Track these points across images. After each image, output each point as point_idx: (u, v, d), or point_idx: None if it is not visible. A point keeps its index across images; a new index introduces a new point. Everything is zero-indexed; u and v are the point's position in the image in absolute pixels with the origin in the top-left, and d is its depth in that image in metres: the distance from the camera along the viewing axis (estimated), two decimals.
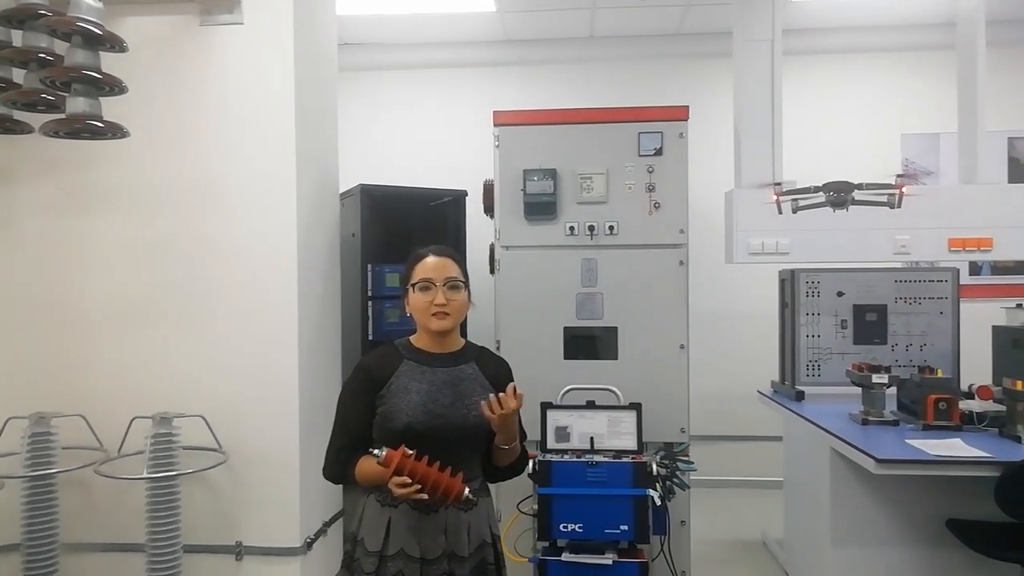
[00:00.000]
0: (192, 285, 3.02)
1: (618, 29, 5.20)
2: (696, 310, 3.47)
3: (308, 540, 3.05)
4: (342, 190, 3.80)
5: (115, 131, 2.61)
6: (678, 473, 2.87)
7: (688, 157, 3.32)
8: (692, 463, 2.99)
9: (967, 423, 2.95)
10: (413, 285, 1.95)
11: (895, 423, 3.07)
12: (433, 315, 1.93)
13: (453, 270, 1.96)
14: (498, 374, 2.04)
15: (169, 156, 3.03)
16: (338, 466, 1.95)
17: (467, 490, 1.82)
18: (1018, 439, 2.76)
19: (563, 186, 3.35)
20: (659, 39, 5.30)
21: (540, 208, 3.34)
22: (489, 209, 3.47)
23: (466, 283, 2.00)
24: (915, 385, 3.10)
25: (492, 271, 3.43)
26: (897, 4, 4.78)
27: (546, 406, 2.95)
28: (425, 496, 1.76)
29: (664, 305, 3.30)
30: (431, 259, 1.97)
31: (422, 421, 1.87)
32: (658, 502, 2.70)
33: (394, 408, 1.89)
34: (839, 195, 3.19)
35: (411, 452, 1.78)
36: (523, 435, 2.12)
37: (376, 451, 1.77)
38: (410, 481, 1.75)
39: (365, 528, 1.93)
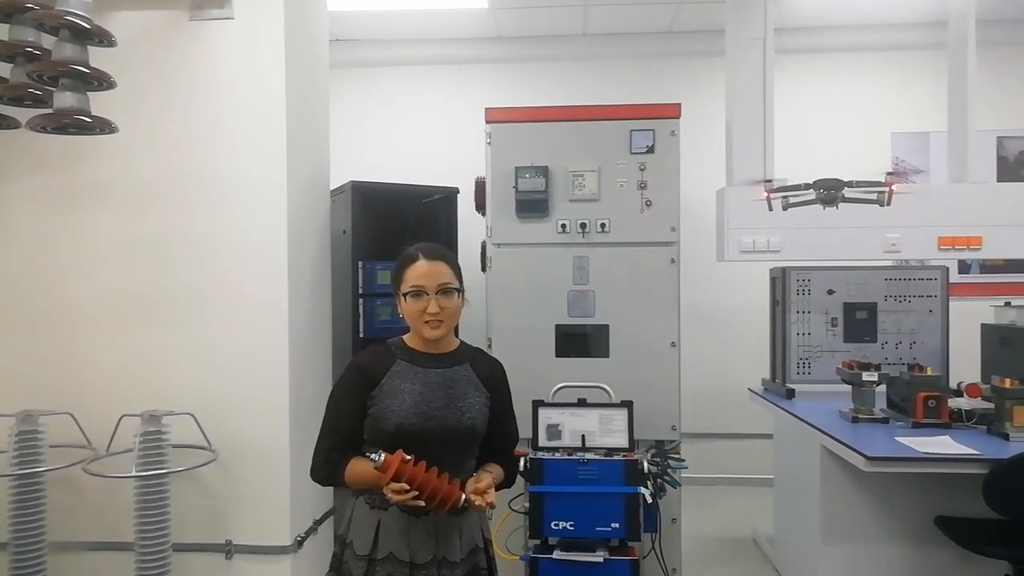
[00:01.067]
0: (181, 282, 3.00)
1: (610, 27, 5.19)
2: (687, 308, 3.47)
3: (298, 538, 3.04)
4: (333, 187, 3.78)
5: (103, 126, 2.59)
6: (669, 471, 2.87)
7: (680, 155, 3.33)
8: (683, 461, 2.99)
9: (956, 420, 2.97)
10: (405, 294, 1.90)
11: (885, 421, 3.09)
12: (426, 323, 1.88)
13: (446, 275, 1.90)
14: (492, 375, 2.01)
15: (158, 152, 3.00)
16: (327, 468, 1.90)
17: (463, 498, 1.79)
18: (1006, 436, 2.78)
19: (555, 183, 3.34)
20: (651, 37, 5.30)
21: (532, 205, 3.33)
22: (481, 206, 3.46)
23: (460, 286, 1.94)
24: (905, 383, 3.11)
25: (484, 269, 3.43)
26: (888, 3, 4.80)
27: (537, 404, 2.95)
28: (422, 503, 1.73)
29: (655, 303, 3.31)
30: (423, 264, 1.90)
31: (414, 423, 1.83)
32: (649, 500, 2.70)
33: (386, 409, 1.85)
34: (829, 192, 3.20)
35: (409, 457, 1.74)
36: (515, 437, 2.11)
37: (373, 455, 1.73)
38: (408, 487, 1.71)
39: (354, 531, 1.88)
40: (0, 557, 2.83)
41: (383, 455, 1.72)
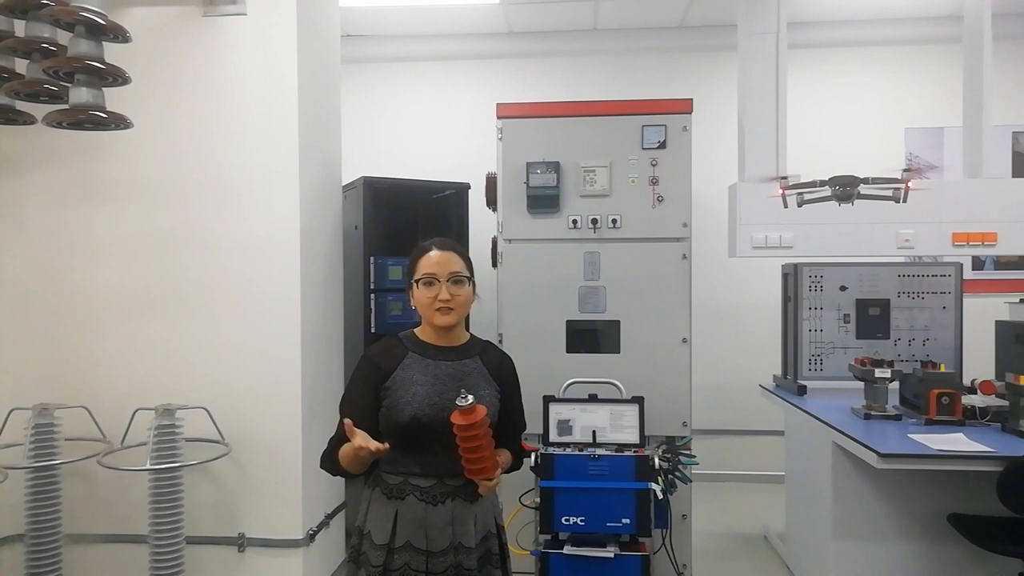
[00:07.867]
0: (194, 277, 3.02)
1: (622, 21, 5.17)
2: (699, 304, 3.47)
3: (310, 532, 3.06)
4: (345, 182, 3.79)
5: (118, 122, 2.61)
6: (680, 467, 2.87)
7: (692, 150, 3.32)
8: (694, 457, 2.99)
9: (970, 418, 2.94)
10: (417, 280, 1.95)
11: (897, 418, 3.07)
12: (437, 310, 1.92)
13: (457, 264, 1.95)
14: (501, 368, 2.04)
15: (171, 147, 3.03)
16: (330, 459, 1.93)
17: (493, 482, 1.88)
18: (1020, 434, 2.75)
19: (566, 179, 3.34)
20: (663, 31, 5.27)
21: (543, 201, 3.33)
22: (492, 202, 3.46)
23: (470, 276, 1.98)
24: (918, 380, 3.09)
25: (494, 264, 3.43)
26: None
27: (548, 399, 2.95)
28: (482, 455, 1.80)
29: (667, 299, 3.30)
30: (435, 253, 1.95)
31: (428, 414, 1.86)
32: (660, 496, 2.70)
33: (399, 401, 1.88)
34: (845, 189, 3.18)
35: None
36: (523, 425, 2.14)
37: (464, 394, 1.78)
38: (479, 434, 1.78)
39: (372, 521, 1.92)
40: (17, 548, 2.87)
41: (473, 399, 1.78)
